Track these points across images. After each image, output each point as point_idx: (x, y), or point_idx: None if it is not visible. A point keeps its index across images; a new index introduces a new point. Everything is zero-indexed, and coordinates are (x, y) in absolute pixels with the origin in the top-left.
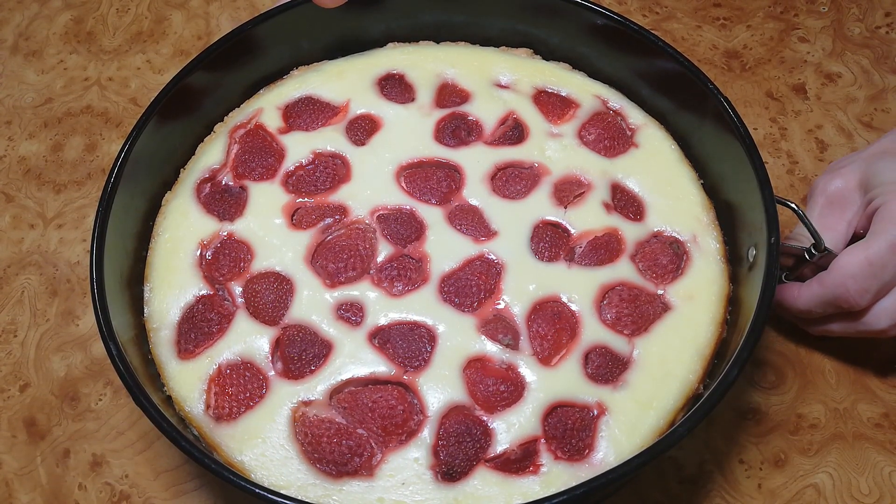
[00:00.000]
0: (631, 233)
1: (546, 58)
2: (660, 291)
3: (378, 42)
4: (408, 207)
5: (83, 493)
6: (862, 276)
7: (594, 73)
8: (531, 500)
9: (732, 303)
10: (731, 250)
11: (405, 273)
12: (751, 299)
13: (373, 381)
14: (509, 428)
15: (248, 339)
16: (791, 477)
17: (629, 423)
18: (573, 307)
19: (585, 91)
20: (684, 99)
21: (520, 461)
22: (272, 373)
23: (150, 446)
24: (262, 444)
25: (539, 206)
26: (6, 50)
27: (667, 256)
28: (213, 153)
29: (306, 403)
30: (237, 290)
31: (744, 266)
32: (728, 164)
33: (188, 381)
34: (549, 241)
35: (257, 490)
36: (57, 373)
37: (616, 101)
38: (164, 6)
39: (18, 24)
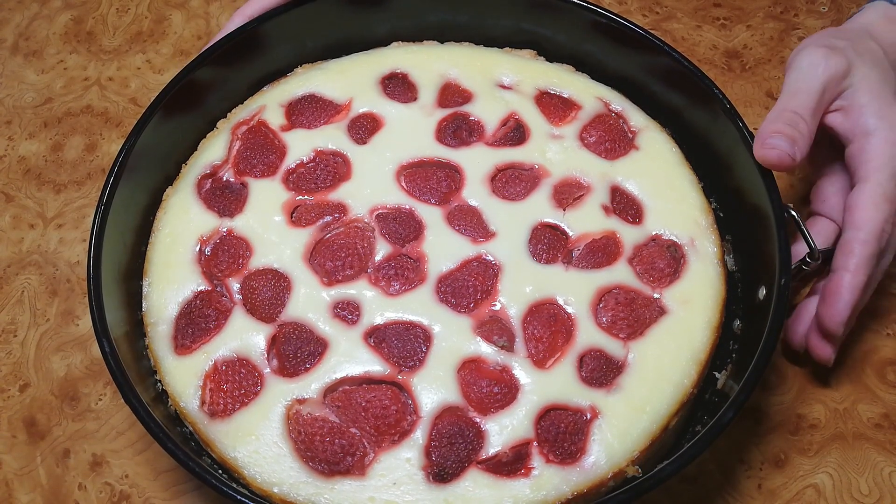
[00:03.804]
0: (629, 236)
1: (552, 55)
2: (656, 295)
3: (382, 41)
4: (407, 207)
5: (83, 493)
6: (891, 214)
7: (602, 70)
8: (521, 503)
9: (740, 339)
10: (738, 249)
11: (402, 272)
12: (755, 339)
13: (367, 381)
14: (502, 430)
15: (245, 336)
16: (791, 477)
17: (622, 428)
18: (569, 310)
19: (588, 93)
20: (696, 96)
21: (511, 464)
22: (267, 370)
23: (150, 446)
24: (256, 442)
25: (538, 207)
26: (6, 50)
27: (664, 260)
28: (215, 149)
29: (300, 401)
30: (235, 286)
31: (755, 294)
32: (743, 171)
33: (184, 377)
34: (548, 244)
35: (235, 495)
36: (57, 373)
37: (618, 103)
38: (164, 6)
39: (18, 23)
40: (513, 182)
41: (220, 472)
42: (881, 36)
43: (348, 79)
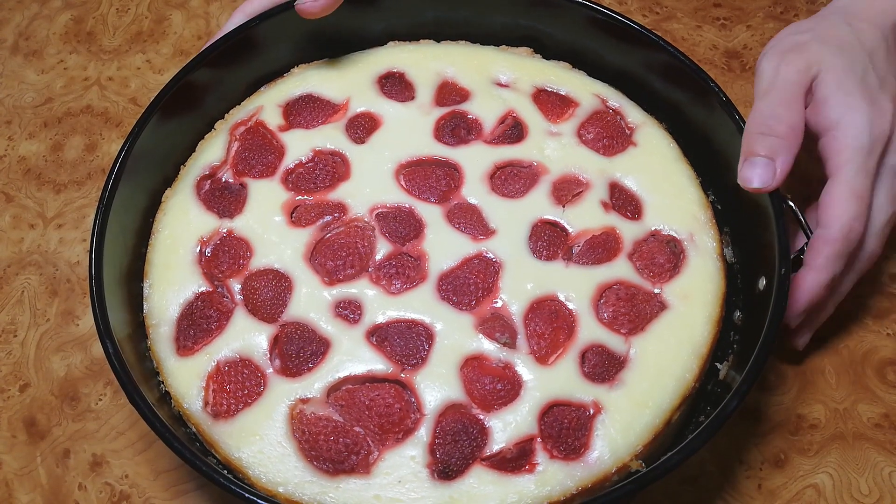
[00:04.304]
0: (628, 232)
1: (551, 51)
2: (657, 290)
3: (379, 40)
4: (407, 206)
5: (83, 493)
6: (859, 212)
7: (602, 66)
8: (526, 498)
9: (741, 330)
10: (737, 241)
11: (403, 271)
12: (756, 329)
13: (370, 379)
14: (506, 427)
15: (247, 337)
16: (791, 477)
17: (625, 422)
18: (570, 306)
19: (585, 90)
20: (692, 91)
21: (516, 460)
22: (270, 370)
23: (150, 446)
24: (260, 442)
25: (537, 204)
26: (6, 50)
27: (664, 255)
28: (213, 150)
29: (304, 401)
30: (236, 287)
31: (755, 285)
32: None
33: (187, 378)
34: (548, 240)
35: (243, 493)
36: (57, 373)
37: (615, 99)
38: (164, 6)
39: (18, 23)
40: (512, 179)
41: (225, 472)
42: (861, 12)
43: (345, 78)
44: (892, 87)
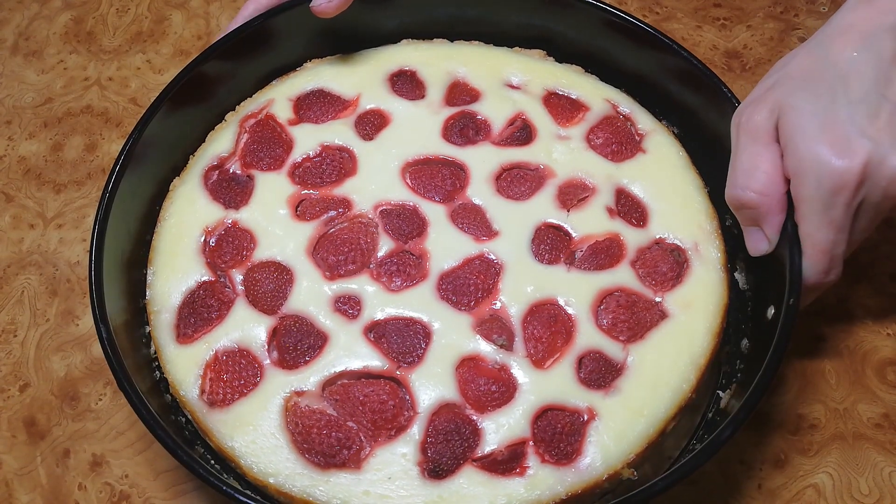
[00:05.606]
0: (633, 238)
1: (564, 52)
2: (658, 299)
3: (392, 38)
4: (411, 204)
5: (83, 493)
6: (823, 266)
7: (616, 68)
8: (514, 502)
9: (747, 359)
10: (752, 268)
11: (404, 269)
12: (761, 360)
13: (365, 375)
14: (498, 429)
15: (246, 327)
16: (791, 477)
17: (618, 430)
18: (570, 311)
19: (596, 94)
20: (705, 95)
21: (506, 462)
22: (267, 361)
23: (149, 446)
24: (254, 432)
25: (542, 208)
26: (6, 50)
27: (667, 264)
28: (222, 141)
29: (299, 394)
30: (238, 277)
31: (765, 314)
32: None
33: (185, 366)
34: (550, 244)
35: (237, 496)
36: (57, 373)
37: (626, 105)
38: (164, 6)
39: (18, 24)
40: (518, 182)
41: (214, 462)
42: (846, 27)
43: (357, 75)
44: (873, 106)
